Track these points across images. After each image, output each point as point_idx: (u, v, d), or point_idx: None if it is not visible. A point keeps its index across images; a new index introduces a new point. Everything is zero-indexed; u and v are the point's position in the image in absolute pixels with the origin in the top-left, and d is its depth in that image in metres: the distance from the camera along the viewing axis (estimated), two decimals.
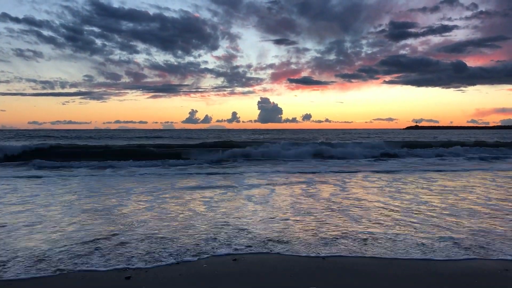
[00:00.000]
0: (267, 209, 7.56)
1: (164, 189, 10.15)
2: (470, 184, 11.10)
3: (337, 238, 5.58)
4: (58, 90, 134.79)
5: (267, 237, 5.62)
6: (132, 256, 4.81)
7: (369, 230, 6.02)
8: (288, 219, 6.72)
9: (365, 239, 5.53)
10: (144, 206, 7.87)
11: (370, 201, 8.37)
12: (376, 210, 7.45)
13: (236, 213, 7.25)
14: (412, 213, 7.23)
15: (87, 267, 4.47)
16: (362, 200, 8.55)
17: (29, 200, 8.49)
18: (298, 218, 6.80)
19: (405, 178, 12.64)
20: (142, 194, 9.37)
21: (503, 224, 6.41)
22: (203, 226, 6.28)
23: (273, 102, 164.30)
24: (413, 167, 16.10)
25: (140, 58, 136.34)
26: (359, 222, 6.53)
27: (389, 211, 7.40)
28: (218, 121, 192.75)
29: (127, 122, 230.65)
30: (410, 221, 6.56)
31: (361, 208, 7.67)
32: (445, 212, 7.33)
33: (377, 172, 14.44)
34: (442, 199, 8.63)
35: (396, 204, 8.11)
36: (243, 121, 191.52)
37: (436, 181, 11.83)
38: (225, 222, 6.53)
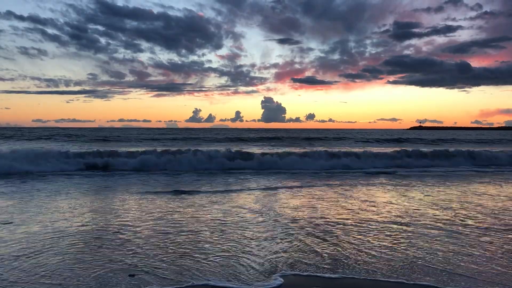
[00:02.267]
0: None
1: None
2: None
3: None
4: (62, 88, 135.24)
5: None
6: None
7: None
8: None
9: None
10: None
11: None
12: None
13: None
14: None
15: None
16: None
17: None
18: None
19: None
20: None
21: None
22: None
23: (276, 102, 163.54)
24: None
25: (144, 56, 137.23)
26: None
27: None
28: (221, 120, 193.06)
29: (130, 120, 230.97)
30: None
31: None
32: None
33: None
34: None
35: None
36: (246, 120, 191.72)
37: None
38: None
